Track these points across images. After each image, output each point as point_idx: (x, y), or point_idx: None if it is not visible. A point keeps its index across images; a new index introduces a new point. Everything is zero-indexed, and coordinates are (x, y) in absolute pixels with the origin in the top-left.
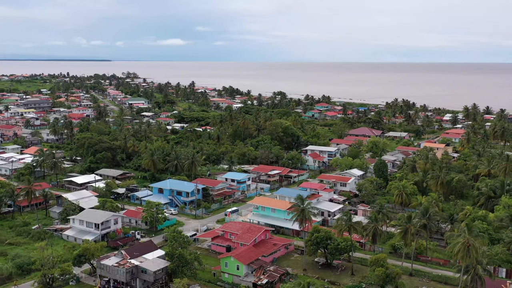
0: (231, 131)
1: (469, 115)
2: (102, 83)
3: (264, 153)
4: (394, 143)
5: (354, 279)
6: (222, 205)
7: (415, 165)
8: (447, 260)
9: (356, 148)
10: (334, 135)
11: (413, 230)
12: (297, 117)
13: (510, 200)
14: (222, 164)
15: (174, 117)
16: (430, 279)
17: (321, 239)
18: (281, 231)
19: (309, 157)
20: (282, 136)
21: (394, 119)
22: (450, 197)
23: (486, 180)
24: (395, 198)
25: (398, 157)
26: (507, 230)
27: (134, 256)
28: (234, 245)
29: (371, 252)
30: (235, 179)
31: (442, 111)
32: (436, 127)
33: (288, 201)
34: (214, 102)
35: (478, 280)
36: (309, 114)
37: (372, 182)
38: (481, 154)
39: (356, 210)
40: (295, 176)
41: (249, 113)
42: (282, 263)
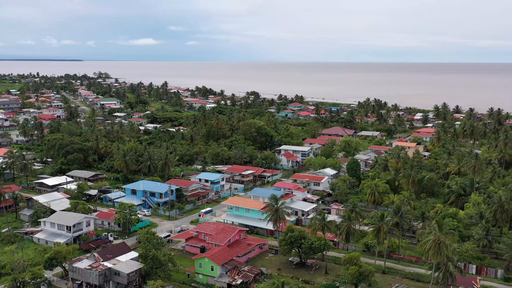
0: (204, 131)
1: (440, 114)
2: (73, 83)
3: (238, 153)
4: (366, 142)
5: (328, 278)
6: (196, 205)
7: (387, 164)
8: (419, 257)
9: (329, 148)
10: (307, 134)
11: (385, 229)
12: (271, 117)
13: (479, 197)
14: (196, 165)
15: (147, 117)
16: (402, 277)
17: (295, 239)
18: (255, 231)
19: (282, 156)
20: (255, 136)
21: (366, 118)
22: (421, 195)
23: (456, 178)
24: (368, 197)
25: (370, 156)
26: (476, 227)
27: (107, 258)
28: (208, 245)
29: (345, 250)
30: (209, 180)
31: (413, 111)
32: (407, 126)
33: (262, 201)
34: (187, 102)
35: (449, 276)
36: (282, 114)
37: (345, 181)
38: (451, 153)
39: (330, 209)
40: (269, 176)
41: (222, 113)
42: (256, 263)
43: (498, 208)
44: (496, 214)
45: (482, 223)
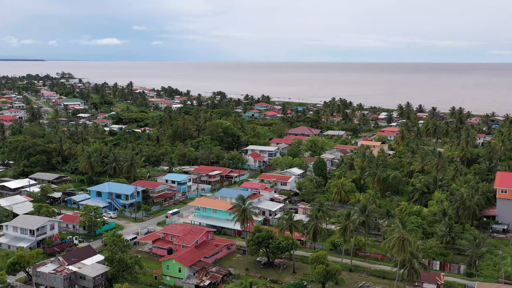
0: (170, 132)
1: (403, 114)
2: (35, 83)
3: (205, 154)
4: (332, 141)
5: (296, 277)
6: (163, 207)
7: (352, 163)
8: (384, 255)
9: (295, 147)
10: (274, 134)
11: (352, 227)
12: (237, 117)
13: (442, 195)
14: (162, 166)
15: (112, 118)
16: (368, 274)
17: (262, 239)
18: (222, 231)
19: (249, 157)
20: (222, 136)
21: (332, 118)
22: (386, 194)
23: (420, 176)
24: (334, 195)
25: (336, 156)
26: (440, 224)
27: (72, 262)
28: (176, 247)
29: (312, 249)
30: (175, 181)
31: (377, 110)
32: (372, 126)
33: (230, 202)
34: (153, 102)
35: (414, 273)
36: (249, 114)
37: (311, 180)
38: (415, 151)
39: (297, 209)
40: (236, 176)
41: (188, 113)
42: (224, 264)
43: (460, 205)
44: (459, 211)
45: (445, 220)
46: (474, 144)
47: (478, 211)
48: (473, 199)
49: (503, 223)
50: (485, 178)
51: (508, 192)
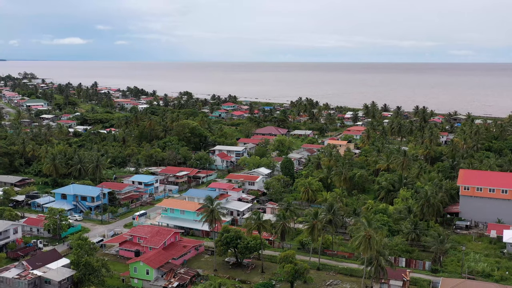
0: (137, 133)
1: (369, 113)
2: None
3: (172, 154)
4: (299, 141)
5: (265, 277)
6: (130, 208)
7: (319, 162)
8: (351, 253)
9: (263, 147)
10: (241, 134)
11: (319, 226)
12: (204, 117)
13: (407, 193)
14: (129, 167)
15: (77, 119)
16: (336, 272)
17: (231, 239)
18: (190, 232)
19: (217, 157)
20: (189, 136)
21: (298, 117)
22: (353, 192)
23: (386, 175)
24: (301, 195)
25: (303, 155)
26: (405, 221)
27: (37, 266)
28: (143, 249)
29: (280, 249)
30: (142, 182)
31: (343, 109)
32: (338, 125)
33: (197, 202)
34: (118, 103)
35: (381, 270)
36: (216, 114)
37: (279, 180)
38: (381, 150)
39: (265, 209)
40: (203, 176)
41: (155, 114)
42: (192, 265)
43: (425, 202)
44: (423, 209)
45: (410, 217)
46: (438, 143)
47: (442, 208)
48: (437, 197)
49: (466, 219)
50: (448, 175)
51: (471, 189)
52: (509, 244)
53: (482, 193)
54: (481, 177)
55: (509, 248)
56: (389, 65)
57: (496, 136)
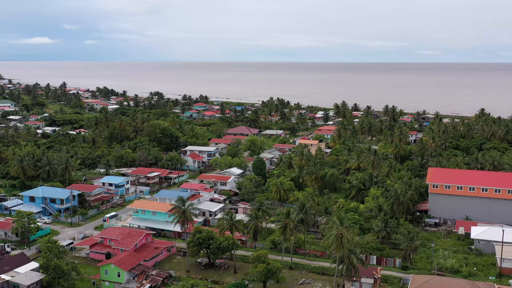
0: (107, 134)
1: (339, 112)
2: None
3: (143, 155)
4: (271, 141)
5: (237, 277)
6: (100, 210)
7: (291, 162)
8: (323, 251)
9: (234, 147)
10: (212, 134)
11: (291, 225)
12: (175, 118)
13: (378, 191)
14: (99, 168)
15: (45, 120)
16: (308, 271)
17: (203, 240)
18: (162, 233)
19: (188, 157)
20: (160, 137)
21: (270, 117)
22: (324, 191)
23: (356, 174)
24: (273, 194)
25: (275, 155)
26: (376, 219)
27: (4, 271)
28: (114, 251)
29: (253, 249)
30: (113, 183)
31: (314, 109)
32: (309, 124)
33: (169, 203)
34: (88, 103)
35: (352, 268)
36: (187, 114)
37: (251, 180)
38: (351, 149)
39: (237, 209)
40: (175, 177)
41: (125, 114)
42: (164, 266)
43: (395, 200)
44: (393, 207)
45: (381, 215)
46: (407, 141)
47: (412, 206)
48: (406, 195)
49: (435, 217)
50: (418, 174)
51: (439, 187)
52: (477, 241)
53: (450, 191)
54: (449, 175)
55: (476, 244)
56: (359, 65)
57: (464, 135)
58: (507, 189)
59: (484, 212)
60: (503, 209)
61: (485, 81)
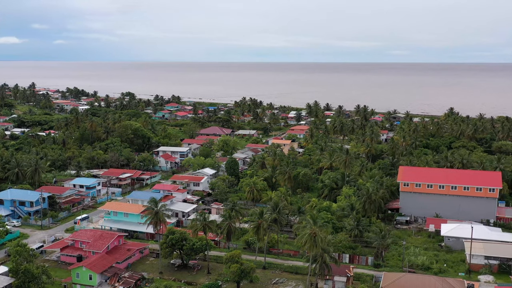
0: (77, 135)
1: (312, 112)
2: None
3: (114, 156)
4: (244, 141)
5: (211, 278)
6: (71, 213)
7: (264, 162)
8: (297, 251)
9: (207, 148)
10: (185, 135)
11: (265, 225)
12: (147, 118)
13: (350, 190)
14: (69, 170)
15: (13, 121)
16: (282, 271)
17: (176, 241)
18: (135, 235)
19: (161, 158)
20: (132, 138)
21: (243, 117)
22: (297, 191)
23: (329, 173)
24: (246, 194)
25: (248, 155)
26: (348, 218)
27: None
28: (86, 254)
29: (226, 249)
30: (84, 185)
31: (287, 109)
32: (282, 124)
33: (141, 204)
34: (57, 104)
35: (325, 267)
36: (159, 115)
37: (224, 180)
38: (324, 149)
39: (210, 209)
40: (147, 178)
41: (96, 115)
42: (137, 268)
43: (366, 199)
44: (365, 205)
45: (353, 214)
46: (378, 141)
47: (383, 204)
48: (378, 193)
49: (406, 215)
50: (389, 172)
51: (410, 185)
52: (447, 238)
53: (421, 189)
54: (420, 173)
55: (446, 242)
56: (332, 64)
57: (433, 134)
58: (475, 187)
59: (454, 209)
60: (472, 207)
61: (454, 81)
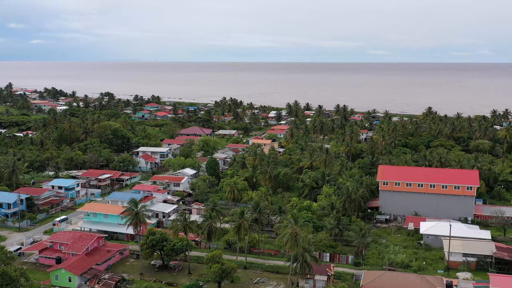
0: (56, 136)
1: (292, 112)
2: None
3: (93, 157)
4: (224, 141)
5: (192, 278)
6: (50, 214)
7: (244, 162)
8: (278, 250)
9: (187, 148)
10: (165, 135)
11: (246, 225)
12: (127, 118)
13: (330, 189)
14: (48, 171)
15: None
16: (263, 270)
17: (156, 241)
18: (115, 236)
19: (141, 158)
20: (111, 138)
21: (223, 117)
22: (278, 190)
23: (309, 172)
24: (227, 194)
25: (228, 155)
26: (328, 217)
27: None
28: (65, 256)
29: (207, 249)
30: (62, 186)
31: (267, 109)
32: (262, 124)
33: (121, 205)
34: (35, 104)
35: (306, 266)
36: (139, 115)
37: (204, 180)
38: (304, 148)
39: (191, 209)
40: (127, 179)
41: (75, 115)
42: (117, 270)
43: (347, 198)
44: (345, 204)
45: (333, 213)
46: (358, 140)
47: (363, 203)
48: (358, 192)
49: (385, 213)
50: (369, 171)
51: (389, 184)
52: (426, 236)
53: (400, 188)
54: (399, 172)
55: (425, 239)
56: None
57: (412, 133)
58: (453, 185)
59: (432, 207)
60: (450, 205)
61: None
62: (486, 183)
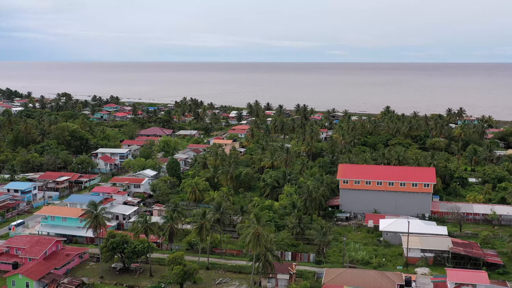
0: (11, 137)
1: (253, 112)
2: None
3: (51, 159)
4: (185, 141)
5: (153, 280)
6: (5, 218)
7: (206, 162)
8: (240, 250)
9: (148, 149)
10: (125, 136)
11: (208, 225)
12: (85, 119)
13: (291, 188)
14: (3, 174)
15: None
16: (225, 270)
17: (117, 244)
18: (74, 240)
19: (100, 160)
20: (69, 140)
21: (183, 117)
22: (239, 190)
23: (270, 172)
24: (189, 195)
25: (189, 155)
26: (290, 216)
27: None
28: (22, 260)
29: (169, 251)
30: (19, 189)
31: (228, 108)
32: (223, 124)
33: (80, 208)
34: None
35: (269, 265)
36: (97, 116)
37: (165, 181)
38: (265, 148)
39: (152, 211)
40: (86, 181)
41: (31, 117)
42: (77, 274)
43: (307, 197)
44: (306, 203)
45: (295, 212)
46: (318, 139)
47: (324, 201)
48: (318, 191)
49: (346, 211)
50: (329, 170)
51: (349, 183)
52: (385, 233)
53: (360, 186)
54: (358, 170)
55: (385, 236)
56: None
57: (371, 132)
58: (411, 183)
59: (391, 205)
60: (408, 202)
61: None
62: (442, 180)
